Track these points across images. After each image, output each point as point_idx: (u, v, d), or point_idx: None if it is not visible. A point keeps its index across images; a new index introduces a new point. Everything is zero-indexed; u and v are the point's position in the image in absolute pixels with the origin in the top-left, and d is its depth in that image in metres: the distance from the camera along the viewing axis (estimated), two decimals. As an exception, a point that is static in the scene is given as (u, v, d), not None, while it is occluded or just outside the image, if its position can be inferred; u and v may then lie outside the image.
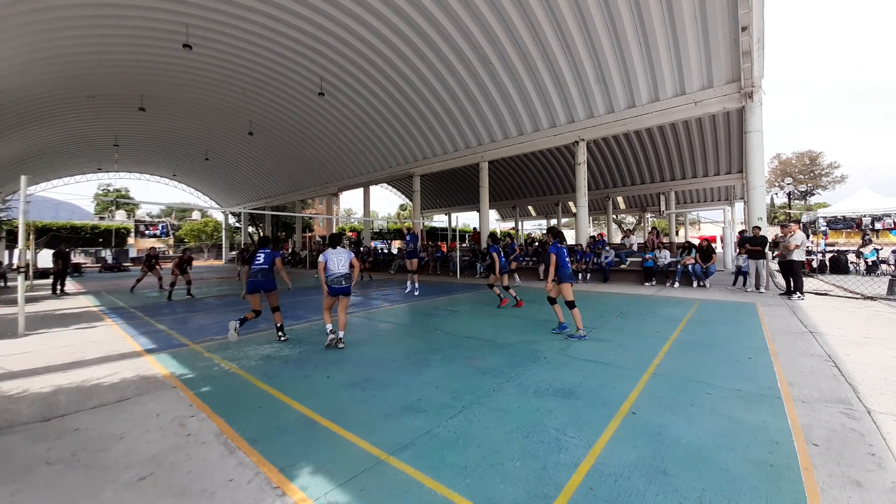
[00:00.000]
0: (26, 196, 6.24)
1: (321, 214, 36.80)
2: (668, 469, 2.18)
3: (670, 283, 11.14)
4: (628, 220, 43.90)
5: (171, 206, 46.86)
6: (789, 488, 2.01)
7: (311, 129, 21.55)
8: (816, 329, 5.49)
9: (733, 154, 19.27)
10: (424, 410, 2.99)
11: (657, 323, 6.11)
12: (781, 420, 2.75)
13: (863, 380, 3.50)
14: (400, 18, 12.91)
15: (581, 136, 14.28)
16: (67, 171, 30.70)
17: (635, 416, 2.85)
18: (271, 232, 37.14)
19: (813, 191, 43.73)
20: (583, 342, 4.95)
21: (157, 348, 5.06)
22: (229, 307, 8.57)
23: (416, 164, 20.32)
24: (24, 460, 2.38)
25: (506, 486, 2.05)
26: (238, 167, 30.25)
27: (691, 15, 10.46)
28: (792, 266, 8.53)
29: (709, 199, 27.79)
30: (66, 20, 12.70)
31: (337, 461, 2.32)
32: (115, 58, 15.24)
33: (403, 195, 38.09)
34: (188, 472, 2.23)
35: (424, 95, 16.35)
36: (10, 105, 17.53)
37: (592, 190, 25.23)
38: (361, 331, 6.00)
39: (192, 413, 3.03)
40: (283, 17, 13.32)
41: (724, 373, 3.74)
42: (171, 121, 22.52)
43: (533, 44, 12.63)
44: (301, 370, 4.03)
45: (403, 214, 59.04)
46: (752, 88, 10.53)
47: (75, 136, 23.35)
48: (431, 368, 4.01)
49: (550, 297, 5.63)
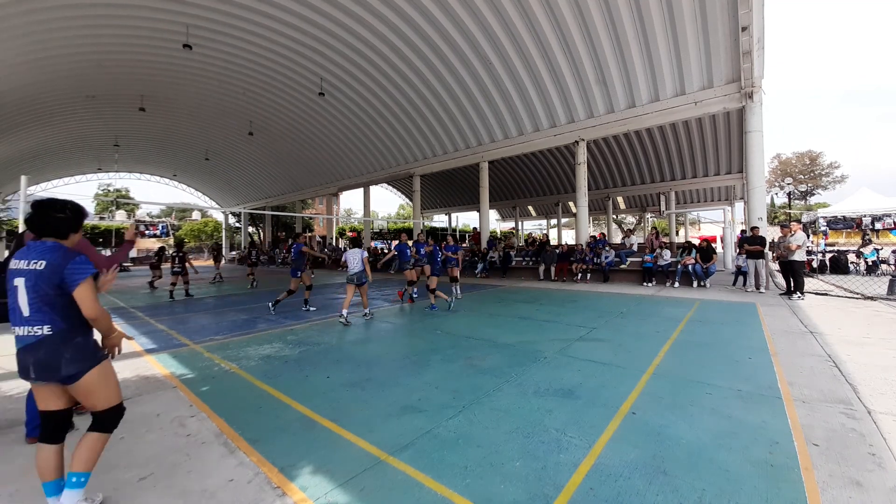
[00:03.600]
0: (27, 196, 6.24)
1: (321, 214, 36.82)
2: (668, 469, 2.18)
3: (670, 283, 11.14)
4: (628, 220, 43.89)
5: (171, 206, 46.86)
6: (789, 488, 2.01)
7: (311, 130, 21.56)
8: (816, 329, 5.49)
9: (733, 154, 19.28)
10: (424, 410, 2.99)
11: (657, 323, 6.10)
12: (781, 420, 2.75)
13: (863, 380, 3.50)
14: (400, 18, 12.91)
15: (581, 136, 14.28)
16: (68, 170, 30.74)
17: (635, 416, 2.85)
18: (271, 232, 37.13)
19: (813, 191, 43.72)
20: (583, 342, 4.95)
21: (157, 348, 5.06)
22: (229, 307, 8.57)
23: (417, 165, 20.33)
24: (24, 461, 2.38)
25: (506, 486, 2.05)
26: (238, 167, 30.27)
27: (691, 15, 10.46)
28: (793, 266, 8.52)
29: (709, 199, 27.80)
30: (66, 20, 12.71)
31: (337, 461, 2.32)
32: (115, 58, 15.26)
33: (403, 195, 38.10)
34: (188, 472, 2.23)
35: (424, 95, 16.35)
36: (10, 105, 17.54)
37: (592, 190, 25.22)
38: (361, 331, 6.00)
39: (193, 413, 3.03)
40: (284, 18, 13.33)
41: (725, 373, 3.74)
42: (172, 121, 22.54)
43: (533, 43, 12.63)
44: (301, 370, 4.03)
45: (403, 214, 59.05)
46: (753, 88, 10.53)
47: (76, 136, 23.38)
48: (431, 368, 4.01)
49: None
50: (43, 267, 1.76)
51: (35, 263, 1.77)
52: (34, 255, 1.79)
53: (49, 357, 1.76)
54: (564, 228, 37.98)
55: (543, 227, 38.15)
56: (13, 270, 1.79)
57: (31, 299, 1.75)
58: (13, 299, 1.78)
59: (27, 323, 1.77)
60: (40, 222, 1.86)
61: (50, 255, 1.79)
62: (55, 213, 1.88)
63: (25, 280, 1.76)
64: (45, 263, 1.76)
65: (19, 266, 1.78)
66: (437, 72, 14.91)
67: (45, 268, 1.76)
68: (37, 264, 1.76)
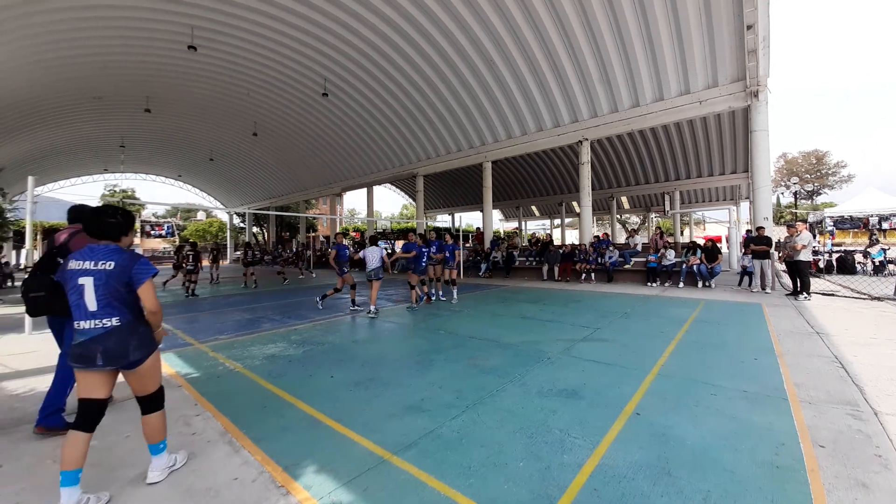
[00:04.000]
0: (33, 197, 6.30)
1: (325, 214, 36.93)
2: (673, 470, 2.17)
3: (675, 283, 11.08)
4: (632, 220, 43.70)
5: (176, 206, 47.16)
6: (795, 490, 1.99)
7: (314, 130, 21.64)
8: (823, 330, 5.45)
9: (738, 153, 19.14)
10: (428, 410, 2.99)
11: (662, 323, 6.08)
12: (787, 421, 2.73)
13: (870, 381, 3.47)
14: (403, 19, 12.93)
15: (585, 135, 14.23)
16: (74, 171, 30.99)
17: (640, 416, 2.84)
18: (275, 232, 37.29)
19: (819, 190, 43.33)
20: (587, 342, 4.94)
21: (162, 347, 5.07)
22: (233, 307, 8.61)
23: (420, 165, 20.34)
24: (29, 459, 2.41)
25: (509, 486, 2.05)
26: (242, 168, 30.42)
27: (696, 13, 10.41)
28: (799, 266, 8.46)
29: (714, 199, 27.59)
30: (71, 22, 12.82)
31: (341, 460, 2.32)
32: (120, 59, 15.38)
33: (407, 195, 38.15)
34: (193, 471, 2.24)
35: (428, 95, 16.36)
36: (16, 106, 17.72)
37: (596, 190, 25.15)
38: (365, 330, 6.01)
39: (198, 412, 3.05)
40: (287, 19, 13.38)
41: (730, 373, 3.71)
42: (176, 122, 22.69)
43: (536, 43, 12.61)
44: (305, 370, 4.05)
45: (406, 214, 59.08)
46: (758, 87, 10.46)
47: (81, 137, 23.58)
48: (435, 368, 4.01)
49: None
50: (112, 267, 2.01)
51: (104, 264, 2.00)
52: (100, 256, 2.02)
53: (118, 345, 2.01)
54: (568, 228, 37.84)
55: (547, 227, 38.06)
56: (77, 270, 2.00)
57: (101, 295, 1.99)
58: (77, 296, 1.99)
59: (94, 316, 1.99)
60: (97, 227, 2.09)
61: (117, 256, 2.04)
62: (108, 219, 2.11)
63: (95, 279, 1.99)
64: (115, 264, 2.01)
65: (85, 266, 2.00)
66: (440, 71, 14.91)
67: (114, 268, 2.01)
68: (106, 264, 2.00)
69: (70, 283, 2.00)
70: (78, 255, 2.04)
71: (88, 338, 1.98)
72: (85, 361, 1.99)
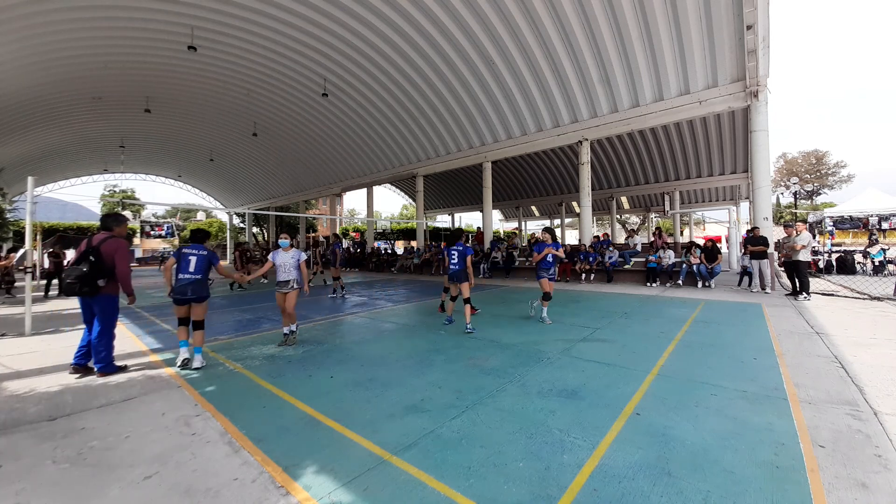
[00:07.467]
0: (33, 197, 6.29)
1: (325, 214, 36.92)
2: (673, 470, 2.17)
3: (674, 283, 11.08)
4: (632, 220, 43.70)
5: (176, 206, 47.14)
6: (795, 490, 1.99)
7: (314, 130, 21.64)
8: (823, 330, 5.45)
9: (738, 153, 19.15)
10: (428, 410, 3.00)
11: (662, 323, 6.07)
12: (787, 421, 2.73)
13: (869, 381, 3.47)
14: (403, 19, 12.93)
15: (585, 135, 14.23)
16: (74, 171, 30.99)
17: (639, 416, 2.84)
18: (275, 232, 37.25)
19: (819, 190, 43.33)
20: (587, 342, 4.94)
21: (163, 348, 5.09)
22: (233, 307, 8.61)
23: (420, 165, 20.35)
24: (30, 459, 2.40)
25: (509, 486, 2.05)
26: (242, 168, 30.41)
27: (696, 13, 10.41)
28: (798, 266, 8.46)
29: (714, 199, 27.60)
30: (72, 22, 12.82)
31: (341, 461, 2.32)
32: (120, 60, 15.38)
33: (407, 195, 38.14)
34: (193, 471, 2.24)
35: (428, 96, 16.37)
36: (17, 107, 17.72)
37: (596, 190, 25.17)
38: (364, 331, 6.01)
39: (198, 412, 3.05)
40: (287, 19, 13.39)
41: (730, 374, 3.71)
42: (177, 122, 22.69)
43: (536, 43, 12.61)
44: (305, 370, 4.05)
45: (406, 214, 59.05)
46: (758, 87, 10.46)
47: (81, 137, 23.58)
48: (435, 368, 4.01)
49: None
50: (206, 253, 4.27)
51: (201, 251, 4.25)
52: (197, 249, 4.26)
53: (198, 287, 4.17)
54: (568, 228, 37.86)
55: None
56: (187, 252, 4.21)
57: (197, 264, 4.17)
58: (186, 264, 4.15)
59: (193, 273, 4.14)
60: (197, 237, 4.47)
61: (205, 251, 4.28)
62: (201, 235, 4.53)
63: (197, 258, 4.19)
64: (207, 253, 4.28)
65: (191, 252, 4.22)
66: (440, 72, 14.92)
67: (207, 254, 4.27)
68: (202, 252, 4.25)
69: (184, 259, 4.17)
70: (188, 247, 4.27)
71: (185, 282, 4.09)
72: (181, 294, 4.09)
